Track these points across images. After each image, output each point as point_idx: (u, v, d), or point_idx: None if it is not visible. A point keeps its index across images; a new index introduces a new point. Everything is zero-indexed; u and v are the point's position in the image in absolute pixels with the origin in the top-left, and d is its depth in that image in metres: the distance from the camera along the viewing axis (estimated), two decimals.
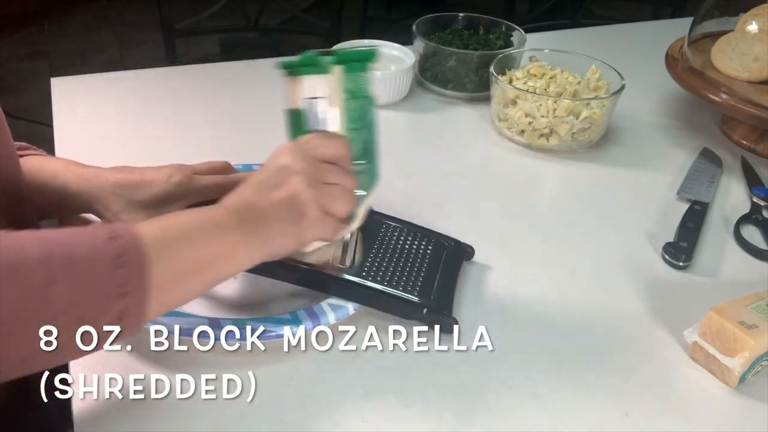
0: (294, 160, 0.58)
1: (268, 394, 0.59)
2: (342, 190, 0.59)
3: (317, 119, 0.62)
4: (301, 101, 0.61)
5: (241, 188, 0.58)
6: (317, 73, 0.61)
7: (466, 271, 0.73)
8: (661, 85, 1.11)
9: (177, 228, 0.52)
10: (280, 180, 0.57)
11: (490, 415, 0.59)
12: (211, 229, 0.53)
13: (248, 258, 0.56)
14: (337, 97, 0.61)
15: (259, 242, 0.56)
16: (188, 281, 0.52)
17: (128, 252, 0.47)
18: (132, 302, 0.47)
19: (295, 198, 0.56)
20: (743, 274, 0.76)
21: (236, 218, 0.55)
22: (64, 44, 2.99)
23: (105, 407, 0.57)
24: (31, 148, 0.72)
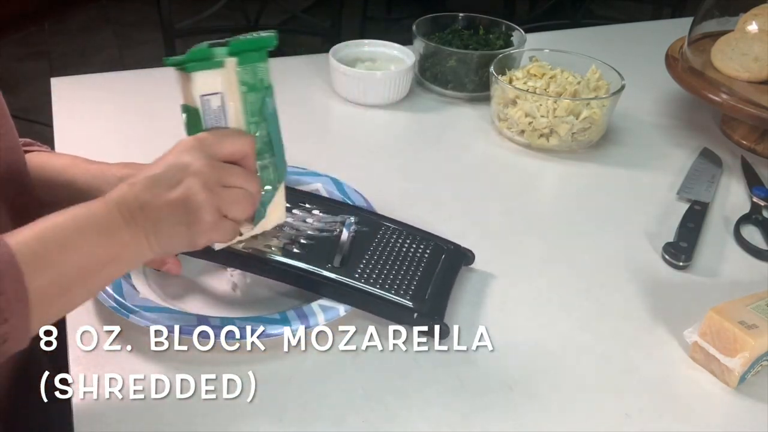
0: (192, 159, 0.54)
1: (268, 394, 0.59)
2: (241, 194, 0.56)
3: (215, 116, 0.58)
4: (195, 98, 0.57)
5: (132, 183, 0.54)
6: (210, 68, 0.56)
7: (465, 271, 0.73)
8: (661, 85, 1.11)
9: (57, 237, 0.50)
10: (175, 179, 0.54)
11: (490, 415, 0.59)
12: (96, 232, 0.51)
13: (136, 259, 0.54)
14: (233, 91, 0.57)
15: (148, 243, 0.53)
16: (72, 290, 0.51)
17: (4, 276, 0.45)
18: (13, 326, 0.46)
19: (190, 200, 0.53)
20: (743, 274, 0.76)
21: (124, 217, 0.52)
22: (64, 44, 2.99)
23: (105, 407, 0.57)
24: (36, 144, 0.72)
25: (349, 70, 1.02)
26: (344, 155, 0.88)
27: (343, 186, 0.80)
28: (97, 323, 0.65)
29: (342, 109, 1.04)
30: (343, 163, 0.84)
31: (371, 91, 1.02)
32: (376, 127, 1.01)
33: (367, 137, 0.98)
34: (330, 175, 0.82)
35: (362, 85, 1.02)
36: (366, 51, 1.10)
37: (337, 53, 1.06)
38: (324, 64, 1.07)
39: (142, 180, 0.54)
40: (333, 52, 1.06)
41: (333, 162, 0.84)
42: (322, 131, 0.99)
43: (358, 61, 1.08)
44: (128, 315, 0.62)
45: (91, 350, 0.62)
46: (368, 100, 1.04)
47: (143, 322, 0.61)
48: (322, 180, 0.81)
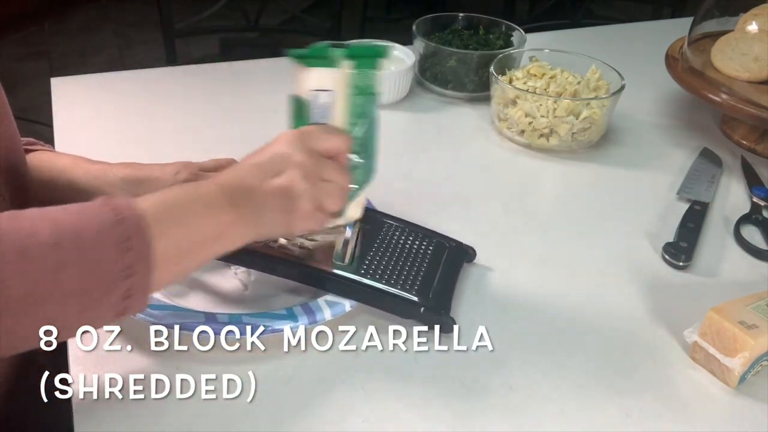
0: (294, 151, 0.58)
1: (268, 394, 0.59)
2: (336, 188, 0.60)
3: (321, 111, 0.61)
4: (307, 91, 0.61)
5: (237, 168, 0.58)
6: (326, 66, 0.61)
7: (466, 271, 0.73)
8: (661, 85, 1.11)
9: (177, 206, 0.53)
10: (278, 168, 0.57)
11: (490, 415, 0.59)
12: (208, 207, 0.54)
13: (239, 238, 0.57)
14: (343, 91, 0.61)
15: (251, 225, 0.56)
16: (187, 257, 0.54)
17: (134, 235, 0.48)
18: (137, 282, 0.48)
19: (291, 189, 0.57)
20: (743, 274, 0.76)
21: (230, 198, 0.55)
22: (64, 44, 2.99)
23: (105, 407, 0.57)
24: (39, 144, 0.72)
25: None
26: None
27: None
28: None
29: None
30: None
31: None
32: None
33: None
34: None
35: None
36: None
37: None
38: None
39: (247, 167, 0.58)
40: None
41: None
42: None
43: None
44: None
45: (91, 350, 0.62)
46: None
47: (150, 319, 0.62)
48: None
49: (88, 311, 0.48)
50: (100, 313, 0.48)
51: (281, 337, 0.64)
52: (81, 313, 0.47)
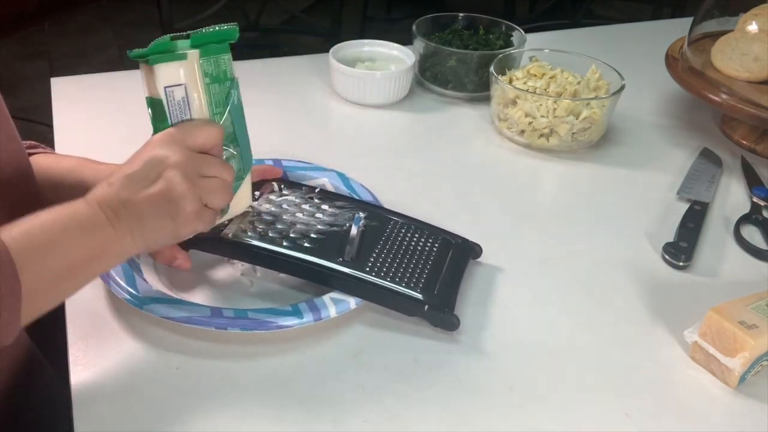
0: (168, 152, 0.55)
1: (268, 394, 0.59)
2: (219, 183, 0.58)
3: (179, 108, 0.58)
4: (159, 90, 0.57)
5: (110, 182, 0.55)
6: (172, 60, 0.57)
7: (471, 269, 0.73)
8: (661, 85, 1.11)
9: (46, 232, 0.51)
10: (154, 173, 0.55)
11: (490, 415, 0.59)
12: (80, 230, 0.52)
13: (121, 254, 0.55)
14: (197, 83, 0.58)
15: (132, 238, 0.55)
16: (62, 284, 0.52)
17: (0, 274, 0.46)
18: (5, 320, 0.47)
19: (171, 193, 0.55)
20: (743, 274, 0.76)
21: (107, 215, 0.53)
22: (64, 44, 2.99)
23: (105, 407, 0.57)
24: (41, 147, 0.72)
25: (349, 70, 1.02)
26: (344, 155, 0.88)
27: (350, 181, 0.81)
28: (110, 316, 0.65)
29: (342, 109, 1.04)
30: (343, 163, 0.84)
31: (371, 91, 1.02)
32: (376, 127, 1.01)
33: (367, 137, 0.98)
34: (336, 170, 0.82)
35: (362, 85, 1.02)
36: (366, 51, 1.10)
37: (337, 53, 1.06)
38: (324, 64, 1.07)
39: (121, 178, 0.55)
40: (333, 52, 1.06)
41: (333, 162, 0.84)
42: (322, 131, 0.99)
43: (358, 61, 1.08)
44: (142, 306, 0.62)
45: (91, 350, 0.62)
46: (368, 100, 1.04)
47: (156, 313, 0.62)
48: (328, 175, 0.82)
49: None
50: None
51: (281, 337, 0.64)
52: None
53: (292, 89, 1.08)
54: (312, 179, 0.81)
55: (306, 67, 1.15)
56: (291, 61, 1.18)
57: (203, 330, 0.64)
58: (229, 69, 0.59)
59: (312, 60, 1.17)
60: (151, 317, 0.65)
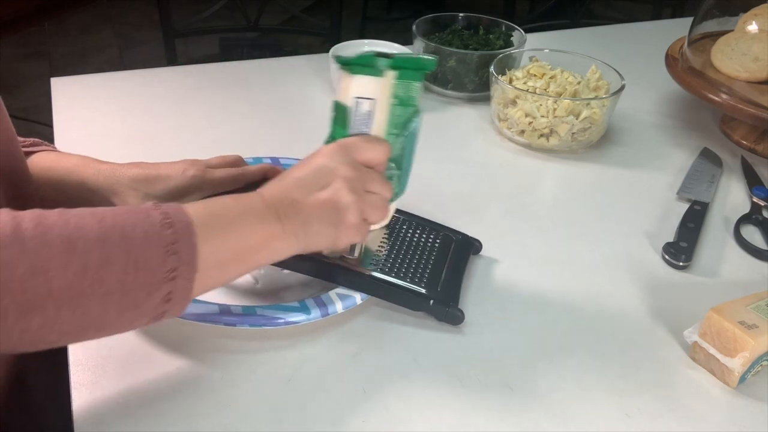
0: (338, 163, 0.58)
1: (268, 394, 0.59)
2: (380, 200, 0.60)
3: (362, 119, 0.62)
4: (349, 98, 0.61)
5: (282, 182, 0.58)
6: (370, 74, 0.61)
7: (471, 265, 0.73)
8: (661, 85, 1.11)
9: (223, 215, 0.53)
10: (323, 181, 0.57)
11: (490, 415, 0.59)
12: (254, 219, 0.55)
13: (284, 250, 0.57)
14: (385, 101, 0.61)
15: (296, 238, 0.57)
16: (229, 267, 0.54)
17: (180, 239, 0.49)
18: (179, 286, 0.49)
19: (338, 202, 0.57)
20: (743, 274, 0.76)
21: (276, 211, 0.56)
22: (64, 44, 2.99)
23: (105, 407, 0.57)
24: (44, 144, 0.72)
25: None
26: None
27: None
28: None
29: None
30: None
31: None
32: None
33: None
34: None
35: None
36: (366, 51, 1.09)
37: (337, 53, 1.06)
38: (324, 64, 1.07)
39: (293, 180, 0.58)
40: (333, 52, 1.06)
41: None
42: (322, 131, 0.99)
43: None
44: None
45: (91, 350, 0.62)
46: None
47: None
48: None
49: (128, 311, 0.48)
50: (139, 314, 0.49)
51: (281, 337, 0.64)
52: (121, 312, 0.47)
53: (292, 89, 1.08)
54: None
55: (306, 67, 1.15)
56: (291, 61, 1.18)
57: (203, 330, 0.64)
58: (417, 97, 0.62)
59: (312, 60, 1.17)
60: None
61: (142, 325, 0.50)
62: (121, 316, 0.48)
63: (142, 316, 0.49)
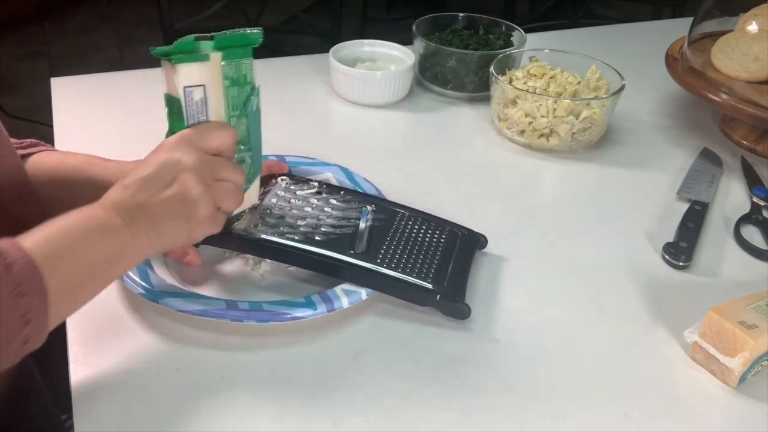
0: (183, 155, 0.56)
1: (268, 394, 0.59)
2: (231, 187, 0.59)
3: (197, 108, 0.59)
4: (179, 89, 0.58)
5: (124, 185, 0.55)
6: (195, 60, 0.57)
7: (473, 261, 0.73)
8: (661, 85, 1.11)
9: (65, 238, 0.51)
10: (169, 177, 0.55)
11: (490, 415, 0.59)
12: (99, 233, 0.52)
13: (138, 256, 0.56)
14: (216, 84, 0.58)
15: (149, 240, 0.55)
16: (82, 288, 0.52)
17: (26, 278, 0.46)
18: (35, 326, 0.47)
19: (187, 196, 0.55)
20: (743, 274, 0.76)
21: (123, 219, 0.54)
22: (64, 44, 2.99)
23: (105, 407, 0.57)
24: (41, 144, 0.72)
25: (349, 70, 1.02)
26: (344, 156, 0.88)
27: (353, 175, 0.82)
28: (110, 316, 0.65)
29: (342, 109, 1.04)
30: (344, 163, 0.84)
31: (371, 91, 1.02)
32: (376, 127, 1.01)
33: (367, 137, 0.98)
34: (339, 165, 0.83)
35: (362, 85, 1.02)
36: (366, 51, 1.10)
37: (337, 53, 1.06)
38: (324, 64, 1.07)
39: (136, 181, 0.55)
40: (333, 52, 1.06)
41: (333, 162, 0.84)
42: (322, 131, 0.99)
43: (358, 61, 1.08)
44: (157, 300, 0.62)
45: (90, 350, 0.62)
46: (368, 100, 1.04)
47: (172, 307, 0.62)
48: (331, 169, 0.82)
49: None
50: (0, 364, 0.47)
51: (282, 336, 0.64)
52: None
53: (292, 89, 1.08)
54: (315, 174, 0.82)
55: (306, 67, 1.15)
56: (291, 61, 1.18)
57: (203, 330, 0.64)
58: (250, 74, 0.59)
59: (312, 60, 1.17)
60: (152, 317, 0.65)
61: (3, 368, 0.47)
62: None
63: (2, 363, 0.47)
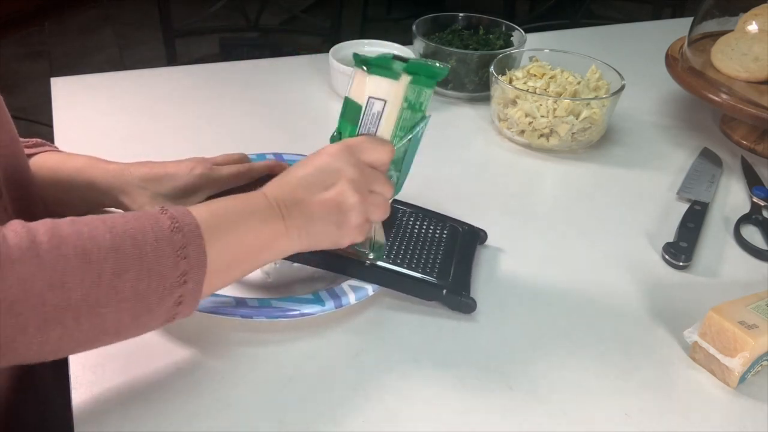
0: (344, 165, 0.58)
1: (268, 394, 0.59)
2: (381, 200, 0.61)
3: (371, 119, 0.62)
4: (363, 97, 0.62)
5: (285, 180, 0.58)
6: (386, 76, 0.61)
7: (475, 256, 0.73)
8: (661, 85, 1.11)
9: (228, 216, 0.54)
10: (329, 181, 0.58)
11: (490, 415, 0.59)
12: (258, 220, 0.55)
13: (287, 249, 0.58)
14: (396, 104, 0.62)
15: (300, 237, 0.57)
16: (234, 267, 0.55)
17: (190, 243, 0.50)
18: (190, 289, 0.50)
19: (342, 203, 0.58)
20: (743, 274, 0.76)
21: (280, 211, 0.56)
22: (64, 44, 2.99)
23: (105, 407, 0.57)
24: (46, 144, 0.72)
25: (349, 70, 1.02)
26: None
27: None
28: None
29: None
30: None
31: None
32: None
33: None
34: None
35: None
36: (366, 51, 1.10)
37: (337, 53, 1.06)
38: (324, 64, 1.07)
39: (297, 179, 0.58)
40: (333, 52, 1.06)
41: None
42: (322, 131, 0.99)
43: None
44: None
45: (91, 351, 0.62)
46: None
47: None
48: None
49: (142, 316, 0.49)
50: (153, 318, 0.50)
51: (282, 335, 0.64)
52: (135, 318, 0.48)
53: (292, 89, 1.08)
54: None
55: (306, 67, 1.15)
56: (291, 61, 1.18)
57: (203, 330, 0.64)
58: (426, 103, 0.62)
59: (312, 60, 1.17)
60: None
61: (154, 328, 0.51)
62: (136, 321, 0.49)
63: (155, 319, 0.50)
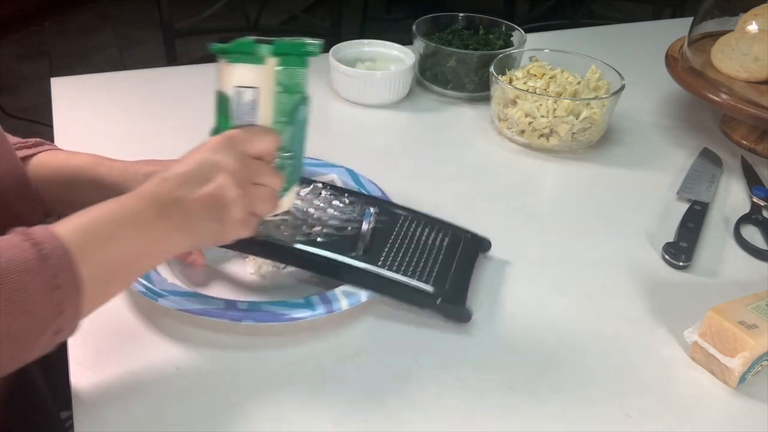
0: (223, 156, 0.56)
1: (268, 394, 0.59)
2: (267, 192, 0.59)
3: (245, 108, 0.59)
4: (230, 87, 0.58)
5: (164, 178, 0.55)
6: (251, 62, 0.58)
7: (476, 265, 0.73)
8: (661, 85, 1.11)
9: (100, 227, 0.51)
10: (207, 176, 0.55)
11: (490, 415, 0.59)
12: (134, 225, 0.52)
13: (171, 250, 0.56)
14: (268, 88, 0.59)
15: (181, 236, 0.55)
16: (117, 279, 0.52)
17: (61, 271, 0.46)
18: (67, 317, 0.47)
19: (222, 197, 0.55)
20: (743, 274, 0.76)
21: (158, 211, 0.53)
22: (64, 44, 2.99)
23: (105, 407, 0.57)
24: (46, 144, 0.72)
25: (349, 70, 1.02)
26: (344, 155, 0.88)
27: (358, 177, 0.82)
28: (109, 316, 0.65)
29: (342, 109, 1.04)
30: (344, 163, 0.84)
31: (371, 91, 1.02)
32: (376, 127, 1.01)
33: (367, 137, 0.98)
34: (345, 166, 0.83)
35: (362, 85, 1.02)
36: (366, 51, 1.10)
37: (337, 53, 1.06)
38: (324, 64, 1.07)
39: (174, 176, 0.55)
40: (333, 52, 1.06)
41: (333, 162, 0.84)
42: (322, 131, 0.99)
43: (358, 61, 1.08)
44: (156, 299, 0.63)
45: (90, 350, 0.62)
46: (368, 100, 1.04)
47: (172, 305, 0.62)
48: (337, 171, 0.83)
49: (21, 354, 0.47)
50: (33, 353, 0.47)
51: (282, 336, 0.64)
52: (13, 357, 0.46)
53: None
54: (321, 175, 0.82)
55: None
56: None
57: (203, 330, 0.64)
58: (303, 83, 0.60)
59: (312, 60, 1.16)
60: (153, 316, 0.65)
61: (36, 357, 0.48)
62: (14, 360, 0.47)
63: (35, 353, 0.48)
